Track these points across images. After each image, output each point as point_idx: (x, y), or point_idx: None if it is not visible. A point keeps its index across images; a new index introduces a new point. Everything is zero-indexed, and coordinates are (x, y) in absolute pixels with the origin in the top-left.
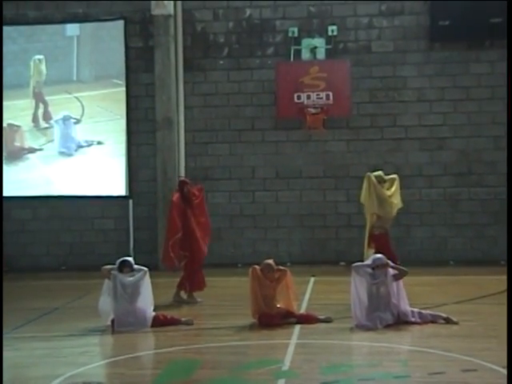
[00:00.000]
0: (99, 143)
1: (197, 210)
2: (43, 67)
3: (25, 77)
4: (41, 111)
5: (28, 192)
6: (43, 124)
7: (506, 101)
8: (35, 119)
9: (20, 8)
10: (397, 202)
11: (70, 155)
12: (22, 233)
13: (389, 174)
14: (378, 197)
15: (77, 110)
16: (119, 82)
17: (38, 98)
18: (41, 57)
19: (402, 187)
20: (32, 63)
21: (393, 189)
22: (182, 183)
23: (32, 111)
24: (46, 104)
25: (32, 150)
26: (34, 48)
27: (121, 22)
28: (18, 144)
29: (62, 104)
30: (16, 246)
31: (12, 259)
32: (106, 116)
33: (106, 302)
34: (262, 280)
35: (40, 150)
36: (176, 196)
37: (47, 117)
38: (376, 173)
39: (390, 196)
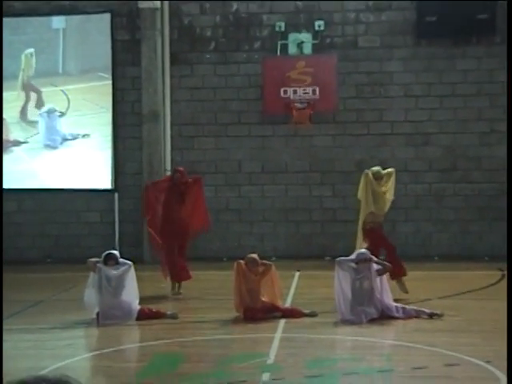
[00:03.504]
0: (85, 136)
1: (190, 201)
2: (34, 61)
3: (10, 69)
4: (32, 103)
5: (13, 185)
6: (34, 115)
7: (491, 97)
8: (23, 112)
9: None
10: (390, 196)
11: (55, 148)
12: (8, 225)
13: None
14: (373, 194)
15: (62, 102)
16: (105, 75)
17: (29, 89)
18: (31, 50)
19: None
20: (23, 57)
21: (389, 184)
22: (174, 171)
23: (21, 103)
24: (38, 92)
25: (17, 143)
26: (19, 40)
27: (107, 15)
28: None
29: (47, 97)
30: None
31: None
32: (92, 109)
33: (91, 295)
34: (247, 274)
35: (25, 142)
36: (162, 180)
37: (40, 105)
38: (374, 168)
39: (385, 192)
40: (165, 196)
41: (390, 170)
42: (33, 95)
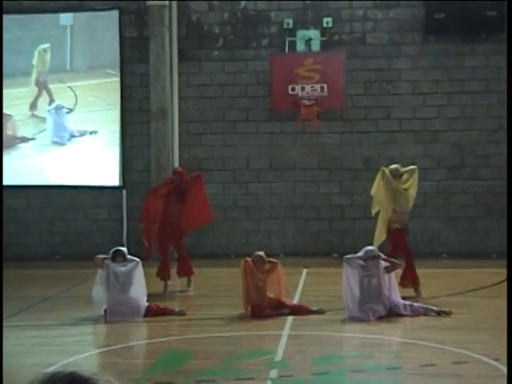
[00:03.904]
0: (92, 133)
1: (190, 198)
2: (48, 57)
3: (18, 66)
4: (42, 100)
5: (21, 181)
6: (44, 112)
7: (499, 94)
8: (33, 106)
9: None
10: (414, 194)
11: (62, 145)
12: (16, 222)
13: (390, 165)
14: (392, 191)
15: (70, 99)
16: (113, 72)
17: (42, 86)
18: (46, 46)
19: None
20: (36, 53)
21: (410, 181)
22: (173, 172)
23: (31, 100)
24: (50, 93)
25: (24, 140)
26: (28, 37)
27: (116, 12)
28: (9, 133)
29: (55, 93)
30: (9, 234)
31: (5, 248)
32: (100, 106)
33: (99, 292)
34: (254, 272)
35: (32, 139)
36: (162, 185)
37: (50, 103)
38: (393, 166)
39: (407, 189)
40: (165, 199)
41: (412, 167)
42: (45, 91)
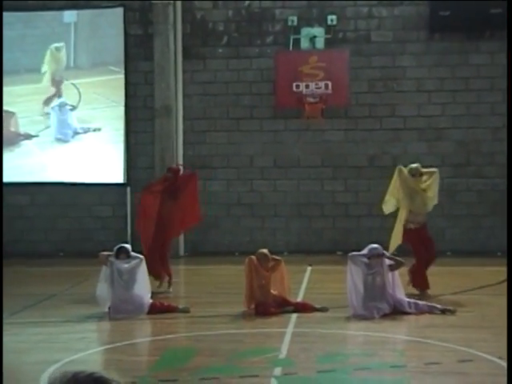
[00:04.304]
0: (96, 130)
1: (184, 196)
2: (62, 55)
3: (22, 63)
4: (56, 98)
5: (24, 178)
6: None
7: (504, 92)
8: (47, 103)
9: None
10: (432, 195)
11: (66, 141)
12: (20, 219)
13: (390, 165)
14: (409, 190)
15: (73, 96)
16: (116, 69)
17: (57, 85)
18: (59, 45)
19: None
20: (49, 51)
21: (429, 181)
22: (167, 169)
23: (44, 97)
24: (60, 92)
25: (28, 137)
26: (31, 34)
27: (120, 10)
28: (13, 130)
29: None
30: (13, 231)
31: (9, 245)
32: (103, 103)
33: (103, 289)
34: (259, 269)
35: (36, 136)
36: (156, 183)
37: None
38: (413, 165)
39: (425, 190)
40: (160, 196)
41: (433, 169)
42: (57, 93)
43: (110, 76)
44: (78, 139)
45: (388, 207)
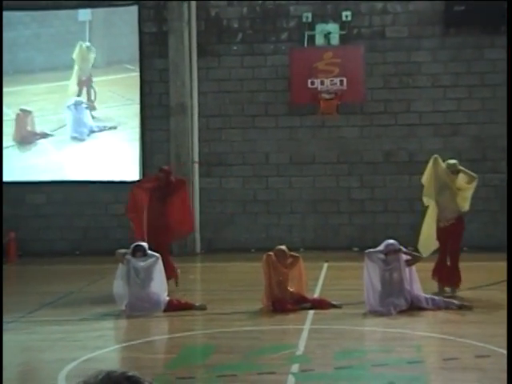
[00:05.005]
0: (112, 128)
1: (176, 204)
2: (90, 55)
3: (36, 62)
4: (85, 97)
5: (41, 177)
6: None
7: None
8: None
9: None
10: (465, 197)
11: (82, 140)
12: (37, 217)
13: (405, 160)
14: (439, 181)
15: (89, 94)
16: (131, 67)
17: (84, 84)
18: (88, 44)
19: (415, 173)
20: (78, 47)
21: (464, 184)
22: (159, 170)
23: (57, 95)
24: (90, 92)
25: (44, 135)
26: (46, 33)
27: (135, 7)
28: (29, 129)
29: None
30: (30, 230)
31: (26, 244)
32: (119, 101)
33: (120, 287)
34: (277, 266)
35: (51, 135)
36: (147, 180)
37: (91, 106)
38: (451, 161)
39: (460, 189)
40: (149, 196)
41: (473, 174)
42: (85, 90)
43: (125, 74)
44: (93, 137)
45: (427, 200)
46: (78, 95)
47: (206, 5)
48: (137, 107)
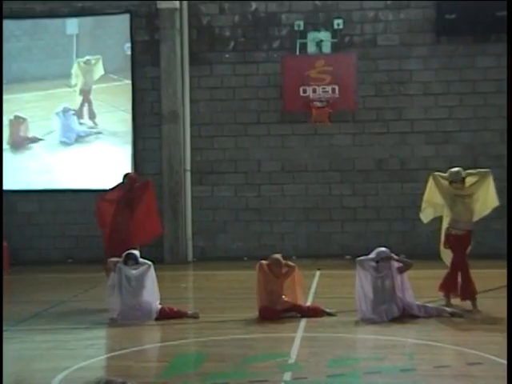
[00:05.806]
0: (103, 136)
1: (142, 207)
2: (94, 67)
3: (28, 72)
4: (86, 109)
5: (32, 179)
6: (88, 121)
7: None
8: (80, 115)
9: (27, 2)
10: (483, 198)
11: (70, 144)
12: (28, 226)
13: (397, 168)
14: (447, 196)
15: (78, 102)
16: (123, 75)
17: (85, 95)
18: (90, 57)
19: (407, 181)
20: (76, 65)
21: (476, 184)
22: (124, 176)
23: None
24: (90, 103)
25: (35, 140)
26: (36, 45)
27: (126, 16)
28: (22, 134)
29: (62, 97)
30: (22, 239)
31: (18, 252)
32: (111, 109)
33: (112, 295)
34: (269, 275)
35: (42, 139)
36: (111, 191)
37: (92, 115)
38: (453, 170)
39: (470, 195)
40: (116, 204)
41: (482, 170)
42: (86, 104)
43: (116, 82)
44: (85, 145)
45: (426, 215)
46: (82, 105)
47: (198, 13)
48: (129, 115)
